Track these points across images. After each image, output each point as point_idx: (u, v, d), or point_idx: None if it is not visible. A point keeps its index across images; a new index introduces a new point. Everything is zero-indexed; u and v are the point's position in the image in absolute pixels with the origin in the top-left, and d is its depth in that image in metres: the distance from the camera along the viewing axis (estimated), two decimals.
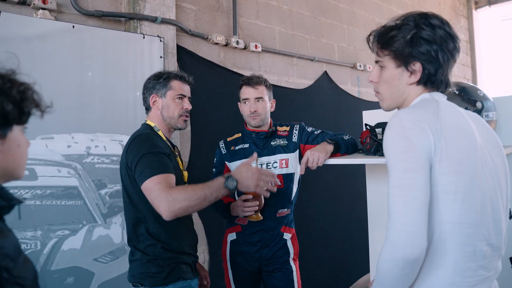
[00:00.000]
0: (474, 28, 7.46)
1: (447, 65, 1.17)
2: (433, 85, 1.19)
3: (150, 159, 1.64)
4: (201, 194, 1.58)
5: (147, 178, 1.59)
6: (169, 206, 1.53)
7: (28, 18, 2.27)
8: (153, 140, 1.73)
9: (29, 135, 2.25)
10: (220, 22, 3.38)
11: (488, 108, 1.79)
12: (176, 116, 1.90)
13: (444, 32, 1.17)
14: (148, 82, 1.92)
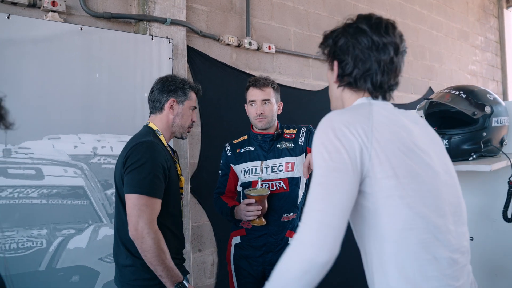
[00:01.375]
0: (505, 28, 7.17)
1: (367, 65, 1.09)
2: (355, 86, 1.13)
3: (145, 174, 1.64)
4: (162, 261, 1.61)
5: (135, 192, 1.62)
6: (138, 234, 1.58)
7: (37, 21, 2.31)
8: (155, 151, 1.71)
9: (36, 135, 2.31)
10: (233, 23, 3.36)
11: (498, 113, 1.69)
12: (187, 126, 1.92)
13: (358, 29, 1.11)
14: (169, 84, 1.87)
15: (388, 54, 1.08)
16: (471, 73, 6.33)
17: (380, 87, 1.12)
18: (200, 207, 3.10)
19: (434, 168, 1.06)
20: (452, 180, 1.12)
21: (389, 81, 1.12)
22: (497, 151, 1.75)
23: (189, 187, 2.98)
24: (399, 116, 1.11)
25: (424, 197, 1.01)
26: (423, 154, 1.05)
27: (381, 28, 1.10)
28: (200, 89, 1.99)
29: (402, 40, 1.13)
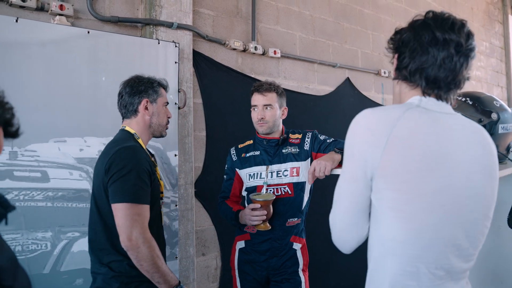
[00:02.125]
0: (510, 33, 7.16)
1: (423, 58, 1.08)
2: (410, 80, 1.12)
3: (133, 181, 1.59)
4: (157, 268, 1.59)
5: (125, 201, 1.57)
6: (133, 244, 1.55)
7: (44, 24, 2.32)
8: (139, 156, 1.66)
9: (42, 138, 2.32)
10: (239, 28, 3.37)
11: (505, 120, 1.69)
12: (165, 123, 1.88)
13: (423, 23, 1.10)
14: (137, 86, 1.83)
15: (447, 50, 1.05)
16: (475, 79, 6.32)
17: (434, 83, 1.09)
18: (204, 211, 3.10)
19: (449, 188, 1.04)
20: (469, 200, 1.07)
21: (446, 79, 1.07)
22: (503, 158, 1.74)
23: (194, 191, 2.98)
24: (435, 127, 1.06)
25: (422, 216, 1.03)
26: (441, 173, 1.03)
27: (446, 24, 1.07)
28: (168, 84, 1.94)
29: (469, 40, 1.09)
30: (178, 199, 2.82)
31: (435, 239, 1.03)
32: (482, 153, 1.09)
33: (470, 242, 1.07)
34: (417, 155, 1.02)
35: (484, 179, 1.08)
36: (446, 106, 1.12)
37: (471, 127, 1.12)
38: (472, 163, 1.06)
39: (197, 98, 3.08)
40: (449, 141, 1.05)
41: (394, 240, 1.05)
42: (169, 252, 2.74)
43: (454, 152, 1.05)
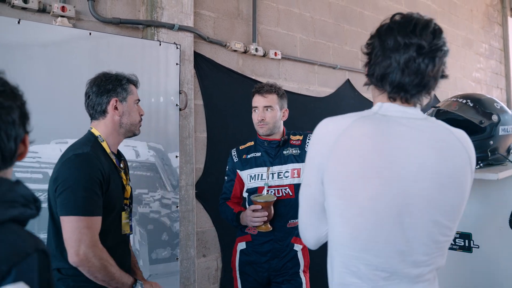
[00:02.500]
0: (509, 35, 7.18)
1: (386, 64, 1.07)
2: (378, 86, 1.13)
3: (81, 193, 1.50)
4: (111, 276, 1.52)
5: (73, 214, 1.49)
6: (83, 259, 1.47)
7: (46, 25, 2.33)
8: (89, 165, 1.55)
9: (44, 139, 2.32)
10: (239, 29, 3.38)
11: (505, 122, 1.70)
12: (137, 122, 1.77)
13: (388, 28, 1.10)
14: (105, 84, 1.70)
15: (408, 54, 1.05)
16: (475, 81, 6.33)
17: (400, 88, 1.09)
18: (205, 212, 3.11)
19: (387, 195, 1.05)
20: (413, 207, 1.06)
21: (411, 83, 1.07)
22: (504, 159, 1.75)
23: (195, 192, 2.99)
24: (382, 135, 1.07)
25: (358, 219, 1.07)
26: (379, 181, 1.05)
27: (407, 28, 1.06)
28: (138, 80, 1.82)
29: (434, 39, 1.06)
30: (179, 200, 2.82)
31: (372, 243, 1.07)
32: (436, 160, 1.06)
33: (414, 248, 1.07)
34: (356, 164, 1.06)
35: (434, 186, 1.06)
36: (410, 110, 1.11)
37: (432, 133, 1.09)
38: (419, 170, 1.05)
39: (198, 99, 3.08)
40: (395, 149, 1.06)
41: (337, 242, 1.13)
42: (170, 254, 2.75)
43: (398, 159, 1.05)
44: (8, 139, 0.81)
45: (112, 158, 1.70)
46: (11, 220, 0.78)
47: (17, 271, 0.72)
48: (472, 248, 1.99)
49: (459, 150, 1.10)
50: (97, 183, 1.54)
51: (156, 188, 2.71)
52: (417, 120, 1.10)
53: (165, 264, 2.72)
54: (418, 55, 1.04)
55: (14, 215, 0.78)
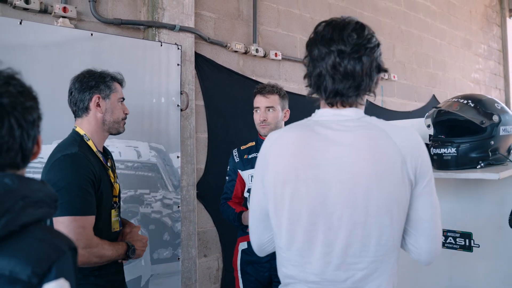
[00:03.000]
0: (508, 36, 7.21)
1: (316, 73, 1.09)
2: (317, 95, 1.14)
3: (74, 192, 1.50)
4: (109, 256, 1.58)
5: (68, 214, 1.48)
6: (86, 260, 1.49)
7: (48, 26, 2.34)
8: (80, 165, 1.55)
9: (45, 140, 2.31)
10: (240, 30, 3.39)
11: (505, 122, 1.71)
12: (120, 119, 1.75)
13: (311, 40, 1.12)
14: (87, 81, 1.68)
15: (331, 60, 1.05)
16: (474, 81, 6.35)
17: (335, 94, 1.09)
18: (206, 213, 3.12)
19: (314, 198, 1.08)
20: (333, 208, 1.07)
21: (344, 86, 1.07)
22: (504, 159, 1.76)
23: (196, 192, 2.99)
24: (308, 141, 1.10)
25: (287, 224, 1.12)
26: (306, 184, 1.08)
27: (327, 35, 1.08)
28: (123, 78, 1.81)
29: (355, 40, 1.06)
30: (180, 200, 2.83)
31: (297, 244, 1.11)
32: (361, 161, 1.05)
33: (337, 250, 1.07)
34: (280, 169, 1.12)
35: (358, 186, 1.05)
36: (345, 112, 1.11)
37: (362, 133, 1.08)
38: (340, 172, 1.05)
39: (199, 100, 3.09)
40: (315, 152, 1.08)
41: (276, 245, 1.20)
42: (171, 254, 2.75)
43: (318, 162, 1.07)
44: (29, 138, 0.83)
45: (99, 157, 1.68)
46: (39, 219, 0.81)
47: (56, 268, 0.75)
48: (473, 247, 2.00)
49: (389, 148, 1.06)
50: (89, 182, 1.54)
51: (157, 189, 2.72)
52: (349, 121, 1.10)
53: (167, 264, 2.73)
54: (341, 59, 1.05)
55: (42, 214, 0.81)
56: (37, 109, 0.87)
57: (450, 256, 2.07)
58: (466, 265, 2.03)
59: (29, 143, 0.84)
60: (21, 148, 0.82)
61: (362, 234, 1.05)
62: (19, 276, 0.72)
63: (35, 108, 0.86)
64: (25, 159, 0.84)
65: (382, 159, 1.05)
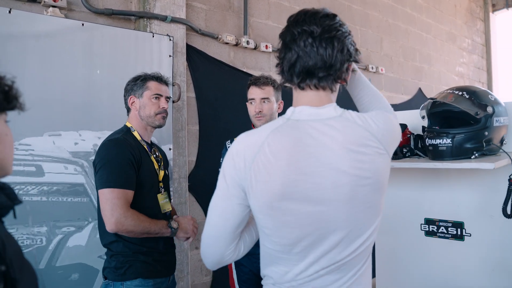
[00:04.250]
0: (491, 31, 7.33)
1: (289, 56, 1.08)
2: (291, 83, 1.12)
3: (113, 168, 1.73)
4: (147, 227, 1.73)
5: (106, 186, 1.71)
6: (117, 224, 1.67)
7: (38, 16, 2.29)
8: (121, 147, 1.79)
9: (37, 132, 2.28)
10: (231, 22, 3.37)
11: (499, 113, 1.75)
12: (153, 114, 1.94)
13: (285, 27, 1.11)
14: (127, 85, 1.99)
15: (303, 40, 1.06)
16: (458, 75, 6.45)
17: (306, 74, 1.08)
18: (198, 205, 3.11)
19: (315, 205, 1.05)
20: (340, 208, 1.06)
21: (315, 66, 1.06)
22: (497, 149, 1.80)
23: (187, 184, 2.98)
24: (297, 146, 1.06)
25: (288, 234, 1.08)
26: (305, 195, 1.05)
27: (299, 19, 1.09)
28: (162, 76, 2.01)
29: (326, 22, 1.08)
30: (172, 193, 2.81)
31: (303, 252, 1.09)
32: (350, 162, 1.05)
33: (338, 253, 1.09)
34: (276, 180, 1.04)
35: (352, 189, 1.06)
36: (323, 111, 1.10)
37: (344, 133, 1.07)
38: (337, 176, 1.05)
39: (190, 92, 3.07)
40: (312, 158, 1.05)
41: (268, 256, 1.16)
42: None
43: (314, 169, 1.05)
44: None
45: (143, 145, 1.93)
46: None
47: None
48: (464, 236, 2.04)
49: (371, 145, 1.07)
50: (127, 161, 1.76)
51: None
52: (330, 120, 1.09)
53: None
54: (313, 39, 1.05)
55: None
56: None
57: (442, 245, 2.12)
58: (458, 254, 2.07)
59: None
60: None
61: (357, 230, 1.09)
62: None
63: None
64: None
65: (370, 157, 1.06)
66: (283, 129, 1.08)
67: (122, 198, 1.70)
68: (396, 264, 2.30)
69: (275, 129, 1.08)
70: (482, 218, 2.00)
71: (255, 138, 1.09)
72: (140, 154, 1.85)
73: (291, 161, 1.04)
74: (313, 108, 1.10)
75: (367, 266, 1.17)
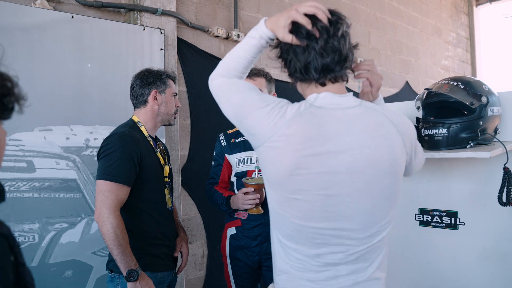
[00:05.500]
0: (475, 25, 7.43)
1: (305, 55, 1.12)
2: (305, 79, 1.16)
3: (112, 162, 1.74)
4: (118, 248, 1.68)
5: (102, 178, 1.73)
6: (98, 220, 1.69)
7: (26, 8, 2.24)
8: (125, 140, 1.79)
9: (27, 127, 2.24)
10: (221, 15, 3.35)
11: (493, 103, 1.77)
12: (172, 112, 2.00)
13: (295, 24, 1.15)
14: (147, 78, 1.95)
15: (322, 38, 1.11)
16: (444, 68, 6.53)
17: (325, 70, 1.13)
18: (190, 200, 3.09)
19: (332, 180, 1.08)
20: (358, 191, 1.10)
21: (333, 60, 1.12)
22: (491, 139, 1.82)
23: (180, 179, 2.96)
24: (322, 131, 1.09)
25: (301, 210, 1.10)
26: (323, 176, 1.07)
27: (313, 17, 1.13)
28: (176, 75, 2.05)
29: (337, 19, 1.14)
30: None
31: (319, 230, 1.11)
32: (371, 149, 1.10)
33: (354, 233, 1.12)
34: (291, 161, 1.07)
35: (371, 175, 1.10)
36: (344, 100, 1.15)
37: (366, 121, 1.13)
38: (353, 162, 1.08)
39: (182, 86, 3.05)
40: (330, 144, 1.08)
41: (284, 233, 1.16)
42: None
43: (333, 154, 1.08)
44: None
45: (149, 140, 1.93)
46: None
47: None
48: (458, 225, 2.07)
49: (393, 134, 1.14)
50: (128, 156, 1.76)
51: None
52: (351, 109, 1.14)
53: None
54: (329, 37, 1.11)
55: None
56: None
57: (436, 235, 2.14)
58: (452, 243, 2.10)
59: None
60: None
61: (374, 216, 1.13)
62: None
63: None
64: None
65: (391, 145, 1.12)
66: (305, 116, 1.10)
67: (114, 192, 1.71)
68: (390, 254, 2.31)
69: (297, 114, 1.10)
70: (476, 207, 2.03)
71: (291, 111, 1.11)
72: (146, 149, 1.86)
73: (310, 145, 1.07)
74: (336, 95, 1.15)
75: (384, 256, 1.20)
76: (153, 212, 1.88)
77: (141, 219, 1.84)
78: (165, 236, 1.93)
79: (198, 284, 3.13)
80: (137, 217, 1.84)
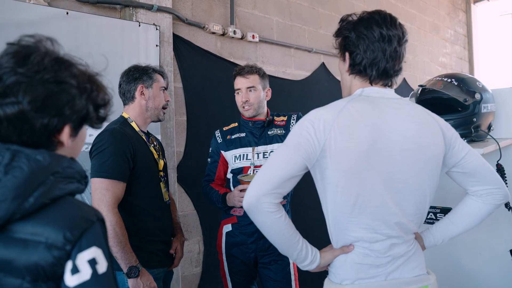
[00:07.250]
0: (472, 22, 7.43)
1: (374, 54, 1.23)
2: (364, 73, 1.27)
3: (106, 159, 1.74)
4: (118, 245, 1.70)
5: (97, 176, 1.73)
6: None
7: (20, 3, 2.23)
8: (117, 137, 1.79)
9: None
10: (217, 11, 3.34)
11: (486, 100, 1.78)
12: (161, 106, 1.99)
13: (368, 23, 1.24)
14: (133, 73, 1.95)
15: (392, 44, 1.23)
16: (441, 65, 6.53)
17: (384, 73, 1.26)
18: (186, 196, 3.10)
19: (380, 164, 1.20)
20: (400, 174, 1.22)
21: (393, 67, 1.26)
22: (485, 135, 1.83)
23: (176, 175, 2.96)
24: (372, 113, 1.22)
25: (356, 189, 1.20)
26: (374, 152, 1.19)
27: (387, 22, 1.24)
28: (164, 71, 2.03)
29: (404, 31, 1.28)
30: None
31: (369, 208, 1.21)
32: (415, 133, 1.23)
33: (403, 211, 1.24)
34: (354, 139, 1.19)
35: (416, 155, 1.23)
36: (388, 92, 1.29)
37: (408, 110, 1.27)
38: (404, 142, 1.22)
39: (178, 82, 3.04)
40: (384, 124, 1.21)
41: (338, 210, 1.23)
42: None
43: (387, 133, 1.21)
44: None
45: (141, 135, 1.94)
46: (69, 194, 0.86)
47: (87, 237, 0.81)
48: None
49: (433, 125, 1.28)
50: (121, 152, 1.76)
51: None
52: (394, 99, 1.28)
53: None
54: (399, 45, 1.25)
55: (72, 189, 0.86)
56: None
57: None
58: None
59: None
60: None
61: (416, 195, 1.25)
62: (55, 243, 0.79)
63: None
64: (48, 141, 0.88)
65: (431, 132, 1.26)
66: (359, 100, 1.24)
67: (110, 190, 1.71)
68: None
69: (351, 100, 1.24)
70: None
71: (332, 108, 1.23)
72: (139, 145, 1.86)
73: (368, 124, 1.20)
74: (380, 88, 1.28)
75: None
76: (149, 208, 1.88)
77: (137, 216, 1.85)
78: (162, 232, 1.93)
79: (194, 281, 3.14)
80: (134, 214, 1.84)
